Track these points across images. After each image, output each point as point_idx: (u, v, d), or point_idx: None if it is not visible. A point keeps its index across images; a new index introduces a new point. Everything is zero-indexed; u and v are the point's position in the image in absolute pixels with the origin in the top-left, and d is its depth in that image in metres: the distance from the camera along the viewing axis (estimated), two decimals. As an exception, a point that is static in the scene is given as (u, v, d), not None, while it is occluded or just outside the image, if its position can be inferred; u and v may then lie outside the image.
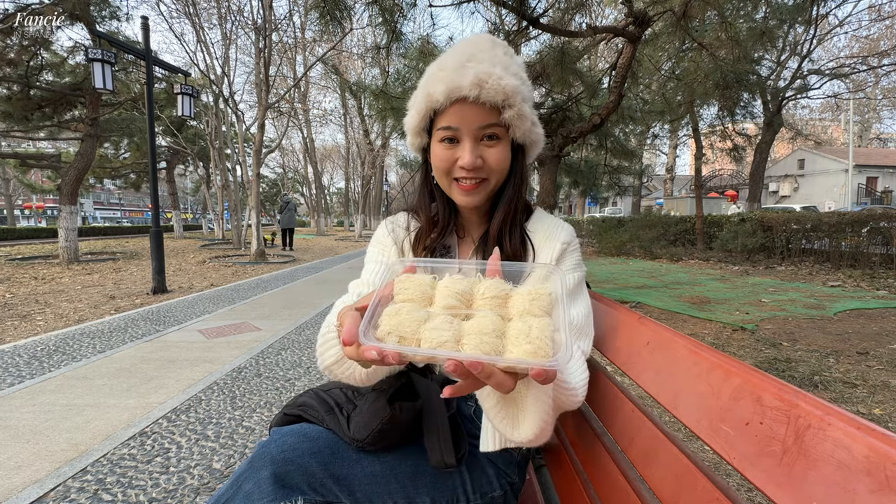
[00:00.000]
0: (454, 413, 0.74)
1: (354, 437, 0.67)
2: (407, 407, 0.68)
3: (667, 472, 0.52)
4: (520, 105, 0.71)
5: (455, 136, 0.73)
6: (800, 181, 27.50)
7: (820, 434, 0.34)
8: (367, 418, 0.67)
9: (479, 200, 0.76)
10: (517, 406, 0.55)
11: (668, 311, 4.53)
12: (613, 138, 6.01)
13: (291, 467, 0.61)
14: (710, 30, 4.52)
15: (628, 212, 24.06)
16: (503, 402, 0.55)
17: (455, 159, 0.73)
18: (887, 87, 25.00)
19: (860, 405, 2.29)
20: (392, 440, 0.69)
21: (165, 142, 17.84)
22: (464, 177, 0.74)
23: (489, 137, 0.73)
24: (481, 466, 0.75)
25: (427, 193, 0.84)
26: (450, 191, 0.78)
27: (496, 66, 0.69)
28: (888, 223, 7.23)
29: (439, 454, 0.67)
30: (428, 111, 0.74)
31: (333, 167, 40.52)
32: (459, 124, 0.71)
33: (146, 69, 5.72)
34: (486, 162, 0.73)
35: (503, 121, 0.71)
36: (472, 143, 0.72)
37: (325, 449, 0.65)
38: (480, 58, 0.70)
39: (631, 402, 0.65)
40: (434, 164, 0.77)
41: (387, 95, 4.66)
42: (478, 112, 0.70)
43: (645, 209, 23.02)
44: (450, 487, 0.70)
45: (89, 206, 48.55)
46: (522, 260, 0.76)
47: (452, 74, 0.69)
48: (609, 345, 0.77)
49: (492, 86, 0.68)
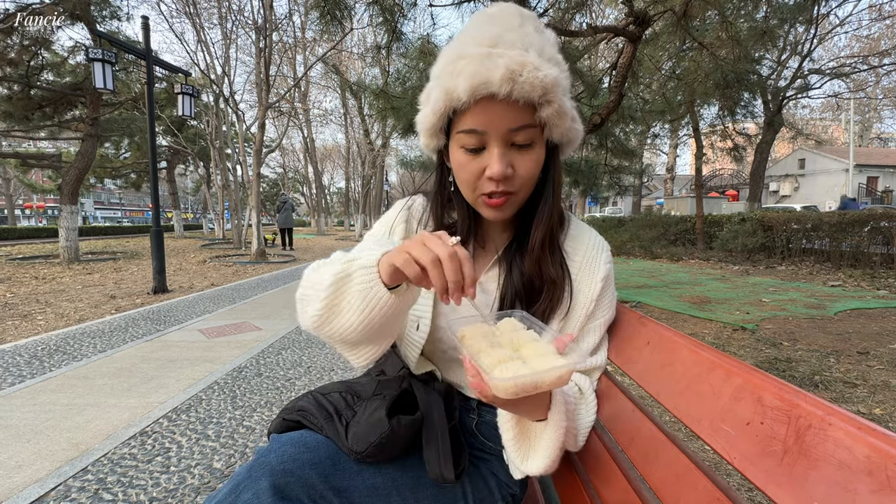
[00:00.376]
0: (455, 425, 0.71)
1: (353, 448, 0.64)
2: (406, 421, 0.65)
3: (667, 472, 0.52)
4: (560, 100, 0.59)
5: (481, 142, 0.61)
6: (800, 181, 27.48)
7: (821, 434, 0.34)
8: (366, 431, 0.64)
9: (508, 215, 0.67)
10: (530, 442, 0.61)
11: (668, 311, 4.53)
12: (614, 138, 6.00)
13: (291, 479, 0.58)
14: (710, 29, 4.51)
15: (629, 211, 24.06)
16: (520, 436, 0.61)
17: (482, 170, 0.62)
18: (888, 86, 24.99)
19: (861, 405, 2.29)
20: (392, 453, 0.66)
21: (166, 141, 17.85)
22: (493, 191, 0.63)
23: (522, 144, 0.61)
24: (483, 478, 0.73)
25: (443, 200, 0.74)
26: (476, 204, 0.68)
27: (530, 52, 0.57)
28: (889, 223, 7.23)
29: (438, 468, 0.65)
30: (447, 110, 0.62)
31: (334, 167, 40.52)
32: (486, 127, 0.60)
33: (146, 69, 5.72)
34: (517, 171, 0.62)
35: (539, 119, 0.59)
36: (501, 149, 0.60)
37: (325, 460, 0.63)
38: (509, 40, 0.57)
39: (631, 401, 0.65)
40: (457, 175, 0.66)
41: (387, 95, 4.65)
42: (508, 111, 0.58)
43: (645, 209, 23.01)
44: (451, 499, 0.69)
45: (90, 206, 48.57)
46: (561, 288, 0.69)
47: (477, 66, 0.56)
48: (609, 345, 0.77)
49: (527, 79, 0.55)
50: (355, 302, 0.55)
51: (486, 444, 0.77)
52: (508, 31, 0.59)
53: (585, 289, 0.70)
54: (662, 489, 0.52)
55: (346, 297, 0.56)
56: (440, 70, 0.62)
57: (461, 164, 0.64)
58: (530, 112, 0.59)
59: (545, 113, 0.59)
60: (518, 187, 0.64)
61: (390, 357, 0.79)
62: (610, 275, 0.72)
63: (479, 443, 0.77)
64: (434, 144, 0.69)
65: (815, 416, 0.36)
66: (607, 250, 0.73)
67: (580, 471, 0.75)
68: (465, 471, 0.70)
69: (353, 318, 0.56)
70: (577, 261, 0.71)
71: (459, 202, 0.71)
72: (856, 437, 0.32)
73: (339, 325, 0.58)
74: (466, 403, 0.79)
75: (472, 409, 0.79)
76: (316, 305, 0.58)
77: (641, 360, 0.65)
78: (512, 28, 0.59)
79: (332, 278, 0.56)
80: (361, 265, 0.55)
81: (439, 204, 0.74)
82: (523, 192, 0.65)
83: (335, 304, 0.57)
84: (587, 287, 0.70)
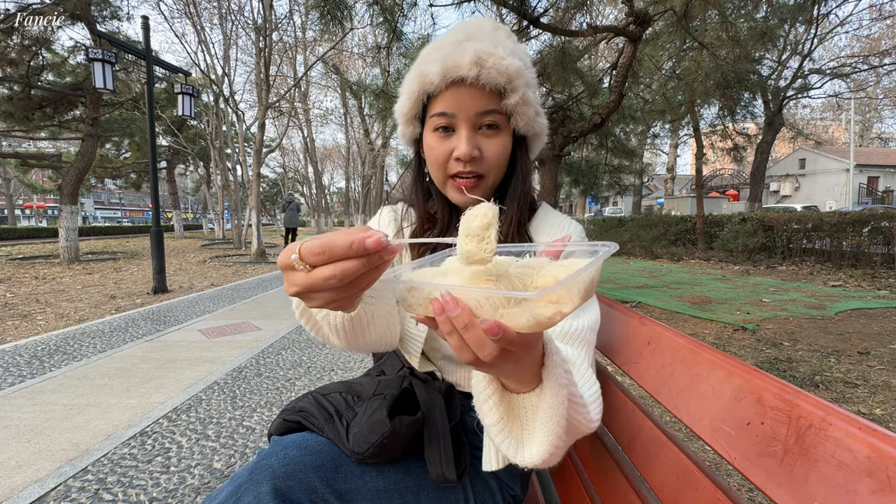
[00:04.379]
0: (456, 424, 0.71)
1: (354, 449, 0.64)
2: (408, 421, 0.65)
3: (668, 473, 0.52)
4: (524, 90, 0.64)
5: (451, 124, 0.66)
6: (801, 181, 27.47)
7: (821, 434, 0.34)
8: (366, 432, 0.64)
9: (479, 193, 0.69)
10: (522, 422, 0.45)
11: (668, 311, 4.53)
12: (614, 138, 6.01)
13: (293, 482, 0.58)
14: (710, 29, 4.51)
15: (629, 211, 24.05)
16: (508, 416, 0.46)
17: (451, 151, 0.67)
18: (888, 86, 24.99)
19: (861, 405, 2.29)
20: (393, 454, 0.66)
21: (166, 141, 17.88)
22: (461, 172, 0.67)
23: (488, 126, 0.66)
24: (484, 479, 0.73)
25: (421, 190, 0.77)
26: (444, 188, 0.71)
27: (498, 47, 0.63)
28: (889, 223, 7.22)
29: (439, 468, 0.64)
30: (421, 95, 0.67)
31: (334, 167, 40.55)
32: (456, 110, 0.64)
33: (147, 69, 5.72)
34: (484, 154, 0.66)
35: (504, 108, 0.64)
36: (469, 132, 0.65)
37: (327, 463, 0.63)
38: (481, 37, 0.64)
39: (632, 402, 0.65)
40: (428, 157, 0.70)
41: (387, 95, 4.66)
42: (477, 96, 0.63)
43: (645, 209, 23.01)
44: (453, 502, 0.69)
45: (90, 206, 48.58)
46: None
47: (449, 51, 0.63)
48: (610, 345, 0.77)
49: (493, 65, 0.61)
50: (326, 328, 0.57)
51: None
52: (482, 31, 0.66)
53: None
54: (662, 489, 0.52)
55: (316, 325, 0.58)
56: (418, 61, 0.68)
57: (431, 147, 0.68)
58: (496, 99, 0.64)
59: (511, 100, 0.64)
60: (486, 169, 0.67)
61: (390, 357, 0.79)
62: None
63: (480, 441, 0.77)
64: (410, 133, 0.73)
65: (815, 417, 0.35)
66: (578, 228, 0.73)
67: (580, 471, 0.75)
68: (467, 471, 0.70)
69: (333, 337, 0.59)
70: (542, 237, 0.73)
71: (437, 193, 0.75)
72: (856, 437, 0.32)
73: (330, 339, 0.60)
74: (468, 402, 0.79)
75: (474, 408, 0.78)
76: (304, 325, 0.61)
77: (642, 360, 0.65)
78: (486, 30, 0.66)
79: (297, 312, 0.58)
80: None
81: (417, 193, 0.77)
82: (492, 177, 0.69)
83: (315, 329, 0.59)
84: None
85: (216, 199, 16.42)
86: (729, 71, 4.56)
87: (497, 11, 4.73)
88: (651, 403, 2.11)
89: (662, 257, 9.97)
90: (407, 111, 0.70)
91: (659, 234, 11.09)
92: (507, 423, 0.46)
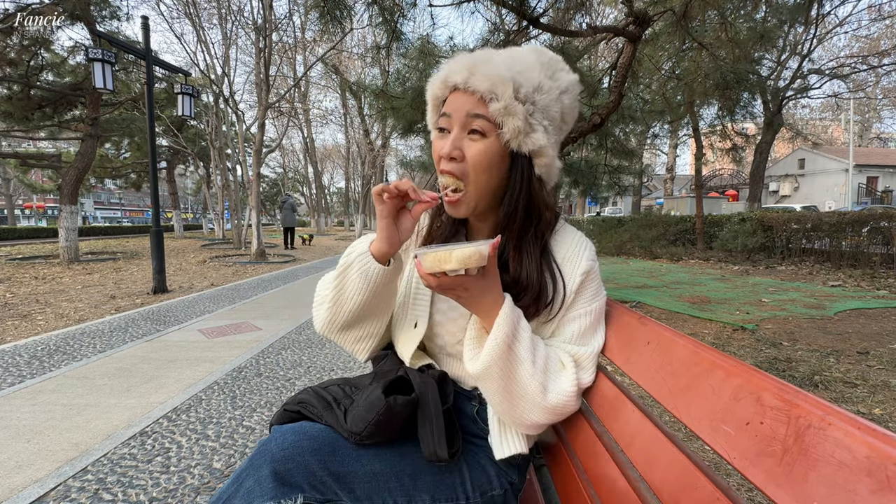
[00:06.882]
0: (449, 408, 0.74)
1: (351, 429, 0.67)
2: (402, 401, 0.68)
3: (667, 473, 0.52)
4: (509, 101, 0.65)
5: (447, 126, 0.70)
6: (800, 181, 27.47)
7: (820, 434, 0.34)
8: (363, 411, 0.67)
9: (463, 213, 0.72)
10: (482, 345, 0.67)
11: (668, 311, 4.53)
12: (613, 138, 6.00)
13: (292, 465, 0.61)
14: (710, 30, 4.51)
15: (628, 211, 24.05)
16: (476, 338, 0.69)
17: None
18: (887, 86, 24.97)
19: (860, 405, 2.29)
20: (390, 434, 0.69)
21: (166, 141, 17.84)
22: (443, 170, 0.70)
23: (474, 131, 0.68)
24: (482, 466, 0.75)
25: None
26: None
27: (500, 66, 0.67)
28: (888, 223, 7.23)
29: (432, 446, 0.67)
30: (435, 102, 0.74)
31: (333, 167, 40.54)
32: (451, 110, 0.69)
33: (146, 69, 5.72)
34: (465, 155, 0.68)
35: (491, 115, 0.66)
36: (458, 132, 0.68)
37: (325, 447, 0.65)
38: (492, 54, 0.69)
39: (631, 402, 0.65)
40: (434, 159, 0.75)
41: (387, 95, 4.65)
42: (468, 100, 0.67)
43: (645, 209, 23.01)
44: (450, 486, 0.70)
45: (90, 206, 48.51)
46: (545, 292, 0.71)
47: (451, 63, 0.70)
48: (609, 345, 0.77)
49: (480, 73, 0.66)
50: (357, 281, 0.71)
51: (486, 430, 0.78)
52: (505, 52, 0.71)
53: (566, 281, 0.74)
54: (662, 489, 0.52)
55: (349, 281, 0.72)
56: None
57: (433, 147, 0.74)
58: (485, 105, 0.67)
59: (493, 107, 0.66)
60: (464, 172, 0.69)
61: (387, 360, 0.82)
62: (592, 271, 0.74)
63: (479, 429, 0.79)
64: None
65: (814, 416, 0.36)
66: (590, 249, 0.77)
67: (580, 470, 0.75)
68: (459, 453, 0.73)
69: (356, 296, 0.72)
70: (559, 257, 0.76)
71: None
72: (855, 437, 0.32)
73: (347, 304, 0.73)
74: (468, 392, 0.82)
75: (474, 398, 0.81)
76: (328, 297, 0.75)
77: (641, 360, 0.65)
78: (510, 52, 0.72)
79: (338, 271, 0.73)
80: (358, 253, 0.72)
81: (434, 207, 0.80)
82: (472, 185, 0.70)
83: (343, 289, 0.72)
84: (568, 280, 0.74)
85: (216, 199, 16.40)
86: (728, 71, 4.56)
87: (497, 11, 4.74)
88: (651, 403, 2.11)
89: (662, 257, 9.98)
90: (431, 119, 0.77)
91: (658, 234, 11.09)
92: (475, 341, 0.69)
